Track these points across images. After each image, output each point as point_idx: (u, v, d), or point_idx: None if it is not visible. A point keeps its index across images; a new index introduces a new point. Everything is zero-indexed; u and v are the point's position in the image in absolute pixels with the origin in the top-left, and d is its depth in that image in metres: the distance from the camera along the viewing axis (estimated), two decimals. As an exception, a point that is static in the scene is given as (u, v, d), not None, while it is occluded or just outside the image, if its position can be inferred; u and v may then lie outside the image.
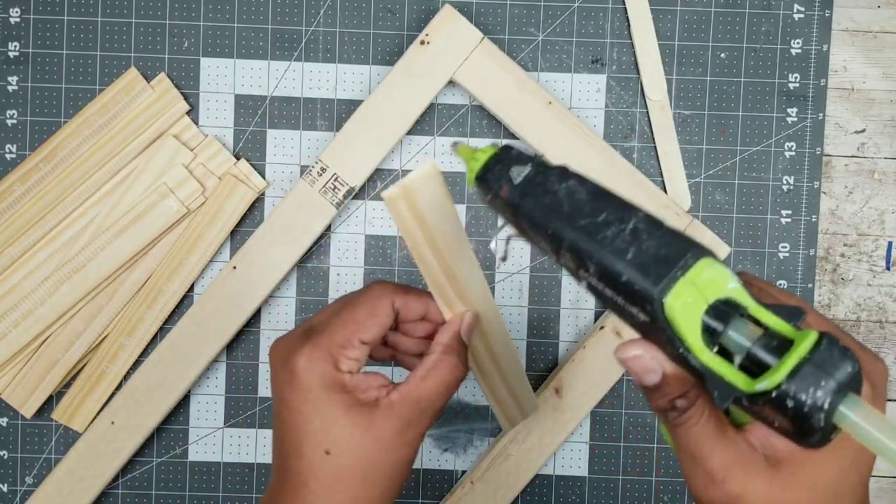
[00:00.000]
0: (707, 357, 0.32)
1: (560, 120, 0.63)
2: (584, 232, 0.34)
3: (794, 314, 0.33)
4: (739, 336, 0.32)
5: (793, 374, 0.31)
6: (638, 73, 0.66)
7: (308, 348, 0.40)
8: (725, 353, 0.33)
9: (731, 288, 0.33)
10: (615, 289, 0.33)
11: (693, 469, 0.36)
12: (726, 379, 0.32)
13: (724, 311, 0.32)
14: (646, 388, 0.36)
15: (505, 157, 0.37)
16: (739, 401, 0.32)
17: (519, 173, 0.36)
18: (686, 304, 0.32)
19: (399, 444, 0.41)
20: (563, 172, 0.36)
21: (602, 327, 0.64)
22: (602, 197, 0.35)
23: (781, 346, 0.32)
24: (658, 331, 0.33)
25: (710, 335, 0.33)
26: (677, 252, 0.33)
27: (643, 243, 0.33)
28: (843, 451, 0.35)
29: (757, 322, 0.33)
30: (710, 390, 0.32)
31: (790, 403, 0.31)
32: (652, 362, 0.35)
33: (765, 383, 0.31)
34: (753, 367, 0.32)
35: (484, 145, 0.38)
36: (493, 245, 0.63)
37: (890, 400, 0.67)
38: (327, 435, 0.40)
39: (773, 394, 0.31)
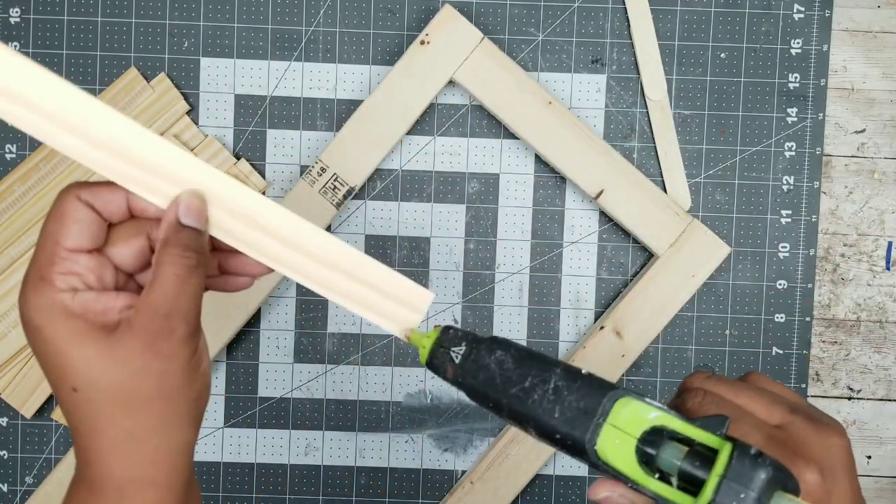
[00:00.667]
0: (653, 484, 0.35)
1: (560, 120, 0.63)
2: (517, 399, 0.37)
3: (717, 424, 0.35)
4: (670, 458, 0.35)
5: (716, 491, 0.33)
6: (638, 73, 0.66)
7: (24, 286, 0.35)
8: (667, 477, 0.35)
9: (653, 417, 0.36)
10: (555, 443, 0.36)
11: None
12: (672, 501, 0.34)
13: (652, 439, 0.35)
14: None
15: (444, 340, 0.39)
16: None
17: (457, 354, 0.39)
18: (615, 445, 0.35)
19: (153, 361, 0.35)
20: (492, 344, 0.38)
21: (602, 327, 0.64)
22: (525, 361, 0.38)
23: (708, 459, 0.34)
24: (604, 471, 0.36)
25: (648, 463, 0.35)
26: (595, 401, 0.36)
27: (565, 399, 0.36)
28: None
29: (688, 440, 0.35)
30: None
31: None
32: (620, 500, 0.37)
33: (699, 503, 0.33)
34: (691, 486, 0.34)
35: (433, 327, 0.41)
36: None
37: (889, 399, 0.67)
38: (67, 371, 0.35)
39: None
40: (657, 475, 0.35)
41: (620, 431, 0.35)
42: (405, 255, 0.66)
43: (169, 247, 0.36)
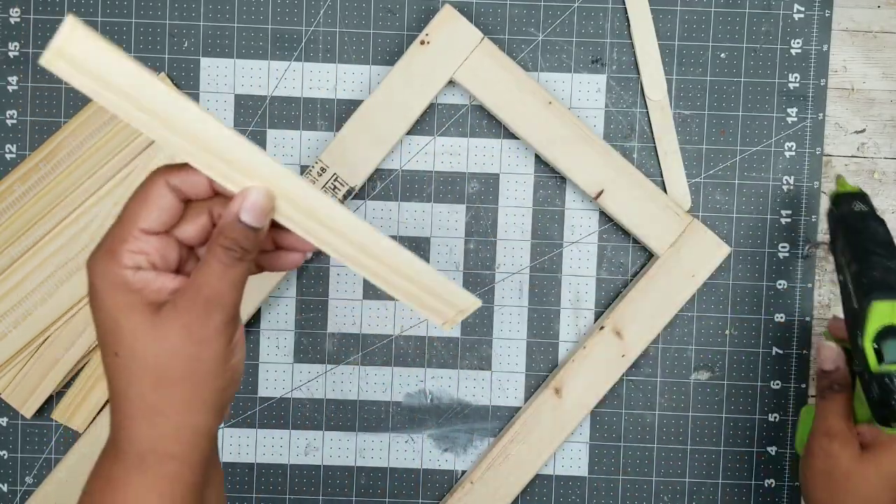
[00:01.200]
0: (867, 343, 0.52)
1: (560, 120, 0.63)
2: (871, 254, 0.54)
3: None
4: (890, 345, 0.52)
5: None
6: (638, 73, 0.66)
7: (95, 251, 0.38)
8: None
9: None
10: (857, 288, 0.53)
11: (820, 425, 0.54)
12: (867, 356, 0.51)
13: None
14: (821, 371, 0.56)
15: (857, 195, 0.59)
16: (863, 375, 0.52)
17: (858, 207, 0.58)
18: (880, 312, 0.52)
19: (189, 343, 0.37)
20: (879, 219, 0.57)
21: (602, 327, 0.64)
22: (890, 243, 0.55)
23: None
24: (856, 316, 0.53)
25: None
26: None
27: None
28: None
29: None
30: (857, 362, 0.52)
31: (885, 385, 0.51)
32: (837, 357, 0.56)
33: (880, 367, 0.51)
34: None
35: (852, 184, 0.61)
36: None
37: None
38: (114, 337, 0.37)
39: (879, 375, 0.51)
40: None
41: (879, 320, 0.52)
42: (405, 255, 0.66)
43: (221, 237, 0.38)
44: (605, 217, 0.66)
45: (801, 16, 0.66)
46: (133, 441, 0.38)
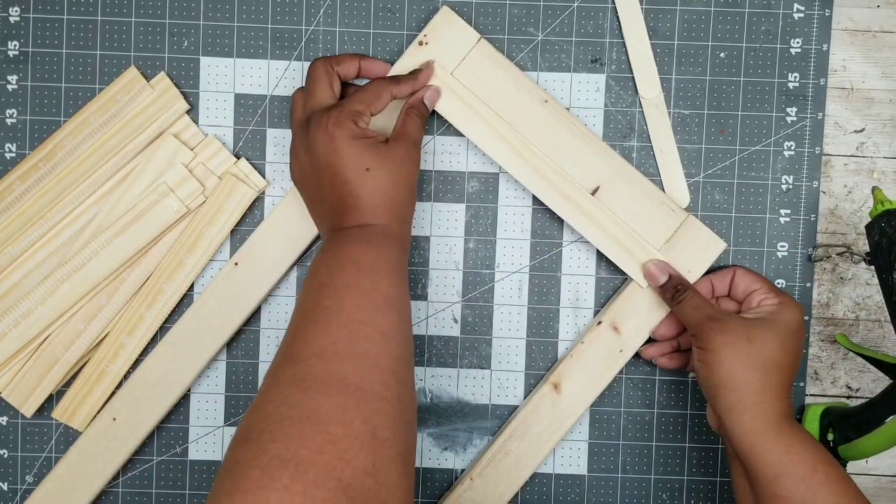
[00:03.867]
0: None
1: (556, 118, 0.63)
2: None
3: None
4: None
5: None
6: (631, 71, 0.66)
7: (335, 115, 0.58)
8: None
9: None
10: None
11: (700, 320, 0.59)
12: None
13: None
14: (659, 288, 0.62)
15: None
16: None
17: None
18: None
19: (407, 160, 0.59)
20: None
21: (599, 322, 0.64)
22: None
23: None
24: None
25: None
26: None
27: None
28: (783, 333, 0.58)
29: None
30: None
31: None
32: (662, 267, 0.63)
33: None
34: None
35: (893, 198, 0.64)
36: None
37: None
38: (365, 160, 0.57)
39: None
40: None
41: None
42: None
43: (414, 108, 0.62)
44: (604, 216, 0.66)
45: (801, 15, 0.66)
46: (376, 217, 0.57)
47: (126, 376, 0.65)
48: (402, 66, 0.63)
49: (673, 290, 0.61)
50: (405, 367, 0.52)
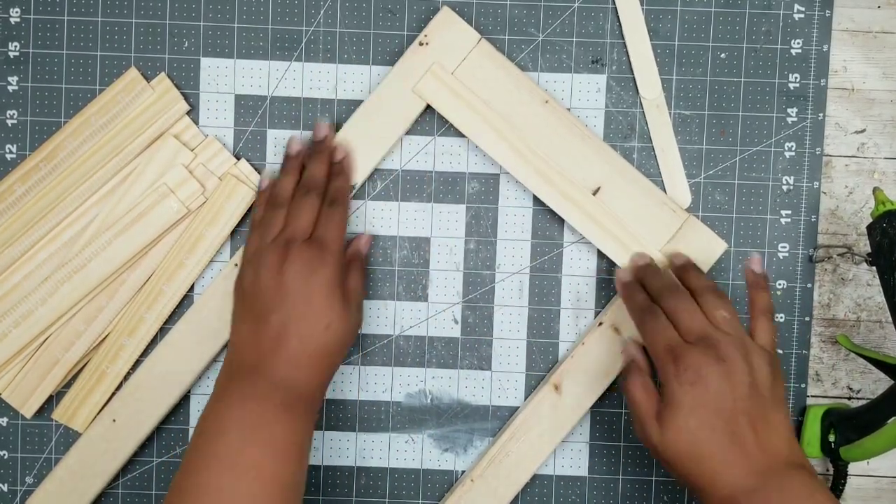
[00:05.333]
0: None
1: (557, 118, 0.63)
2: None
3: None
4: None
5: None
6: (632, 72, 0.66)
7: (322, 250, 0.57)
8: None
9: None
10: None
11: (632, 411, 0.56)
12: None
13: None
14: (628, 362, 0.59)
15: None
16: None
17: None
18: None
19: (357, 326, 0.59)
20: None
21: (600, 323, 0.64)
22: None
23: None
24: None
25: None
26: None
27: None
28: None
29: None
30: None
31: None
32: (631, 349, 0.59)
33: None
34: None
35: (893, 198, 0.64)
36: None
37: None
38: (331, 314, 0.56)
39: None
40: None
41: None
42: (405, 255, 0.66)
43: (356, 262, 0.62)
44: (604, 217, 0.66)
45: (802, 16, 0.66)
46: (305, 385, 0.55)
47: (126, 377, 0.65)
48: (402, 67, 0.63)
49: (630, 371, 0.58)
50: None
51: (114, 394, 0.64)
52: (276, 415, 0.53)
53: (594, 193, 0.63)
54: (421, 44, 0.63)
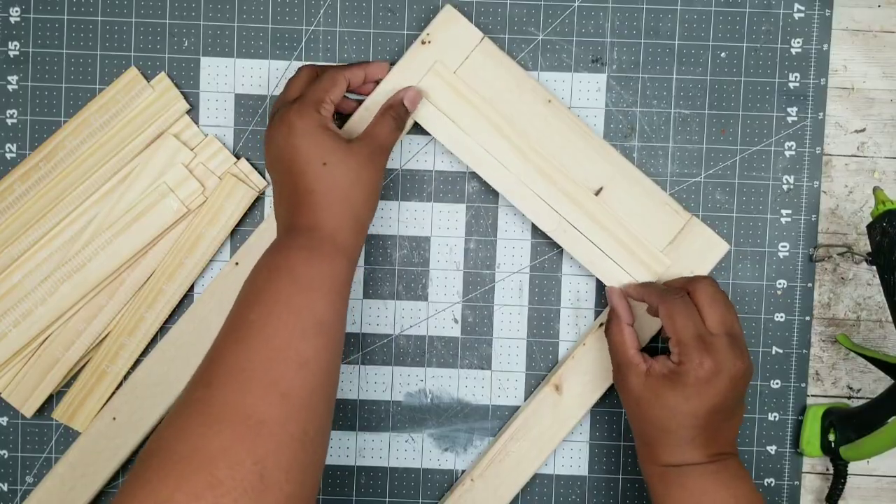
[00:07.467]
0: None
1: (559, 118, 0.63)
2: None
3: None
4: None
5: None
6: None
7: (297, 105, 0.57)
8: None
9: None
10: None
11: (613, 358, 0.60)
12: None
13: None
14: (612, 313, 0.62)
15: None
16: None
17: None
18: None
19: (369, 163, 0.57)
20: None
21: (602, 324, 0.64)
22: None
23: None
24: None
25: None
26: None
27: None
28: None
29: None
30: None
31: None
32: (619, 295, 0.62)
33: None
34: None
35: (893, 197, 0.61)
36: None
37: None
38: (323, 153, 0.55)
39: None
40: None
41: None
42: (405, 255, 0.66)
43: (391, 110, 0.61)
44: (605, 216, 0.66)
45: (802, 15, 0.66)
46: (325, 222, 0.55)
47: (126, 377, 0.65)
48: (404, 66, 0.63)
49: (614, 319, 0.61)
50: (322, 398, 0.50)
51: (114, 393, 0.64)
52: (299, 256, 0.53)
53: (597, 194, 0.63)
54: (423, 42, 0.63)
